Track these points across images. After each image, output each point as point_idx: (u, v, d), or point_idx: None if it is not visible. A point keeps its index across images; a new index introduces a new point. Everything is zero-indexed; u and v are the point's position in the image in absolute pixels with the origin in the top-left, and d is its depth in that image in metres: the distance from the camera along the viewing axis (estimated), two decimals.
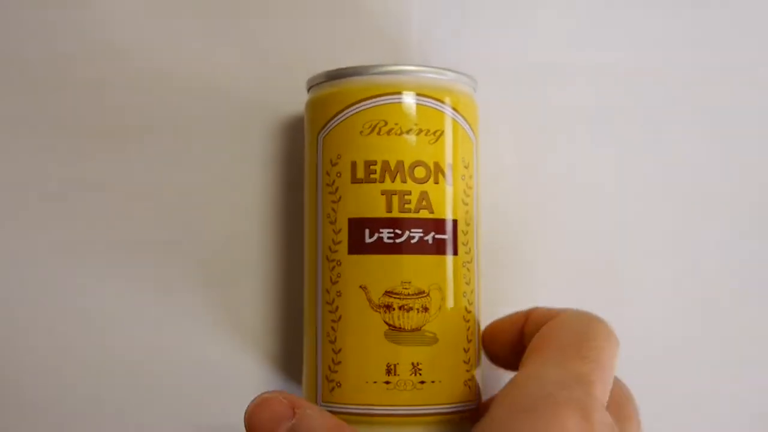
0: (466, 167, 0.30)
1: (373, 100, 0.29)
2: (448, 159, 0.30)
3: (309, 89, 0.32)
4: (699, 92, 0.39)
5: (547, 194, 0.37)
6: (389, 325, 0.28)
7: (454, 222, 0.30)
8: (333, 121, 0.30)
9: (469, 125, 0.31)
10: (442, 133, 0.30)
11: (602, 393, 0.26)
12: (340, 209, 0.29)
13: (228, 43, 0.37)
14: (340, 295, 0.29)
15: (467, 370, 0.29)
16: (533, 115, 0.38)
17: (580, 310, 0.30)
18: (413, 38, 0.37)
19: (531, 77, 0.38)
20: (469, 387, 0.29)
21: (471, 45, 0.38)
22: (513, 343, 0.31)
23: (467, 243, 0.30)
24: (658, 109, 0.38)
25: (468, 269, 0.30)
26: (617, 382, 0.29)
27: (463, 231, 0.30)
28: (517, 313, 0.32)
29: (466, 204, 0.30)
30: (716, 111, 0.38)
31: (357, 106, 0.29)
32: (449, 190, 0.30)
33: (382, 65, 0.30)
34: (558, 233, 0.37)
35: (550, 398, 0.25)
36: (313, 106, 0.31)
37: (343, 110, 0.30)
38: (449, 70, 0.31)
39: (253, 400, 0.26)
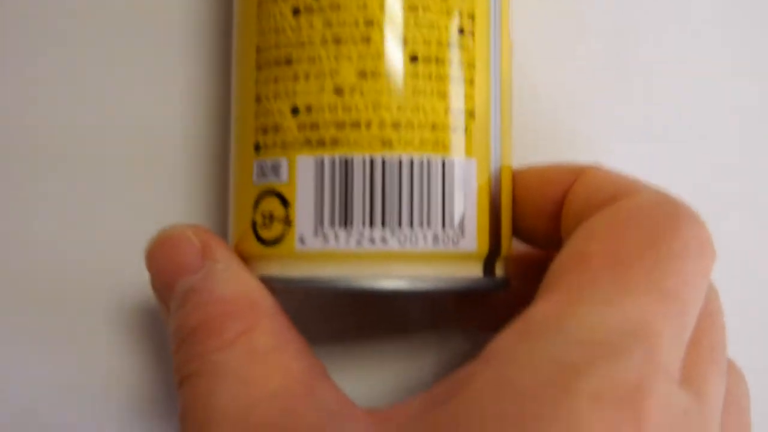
0: None
1: None
2: None
3: None
4: None
5: None
6: None
7: None
8: None
9: None
10: None
11: (675, 346, 0.16)
12: None
13: None
14: None
15: None
16: None
17: (662, 194, 0.18)
18: None
19: None
20: None
21: None
22: (546, 213, 0.21)
23: None
24: None
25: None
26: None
27: None
28: (560, 167, 0.21)
29: None
30: None
31: None
32: None
33: None
34: None
35: (573, 385, 0.15)
36: None
37: None
38: None
39: (155, 235, 0.20)
